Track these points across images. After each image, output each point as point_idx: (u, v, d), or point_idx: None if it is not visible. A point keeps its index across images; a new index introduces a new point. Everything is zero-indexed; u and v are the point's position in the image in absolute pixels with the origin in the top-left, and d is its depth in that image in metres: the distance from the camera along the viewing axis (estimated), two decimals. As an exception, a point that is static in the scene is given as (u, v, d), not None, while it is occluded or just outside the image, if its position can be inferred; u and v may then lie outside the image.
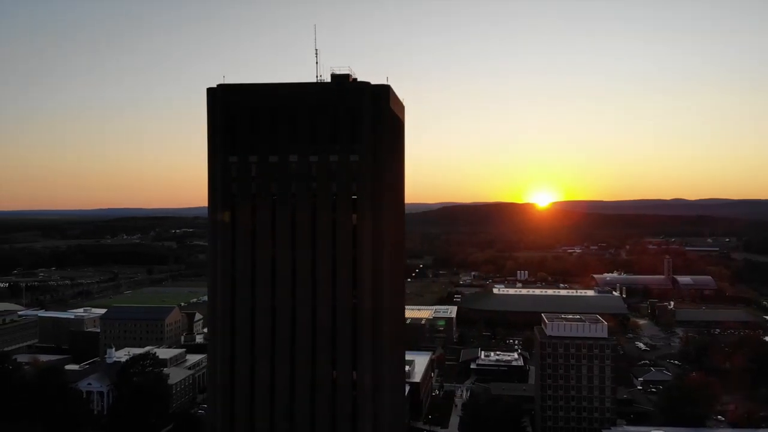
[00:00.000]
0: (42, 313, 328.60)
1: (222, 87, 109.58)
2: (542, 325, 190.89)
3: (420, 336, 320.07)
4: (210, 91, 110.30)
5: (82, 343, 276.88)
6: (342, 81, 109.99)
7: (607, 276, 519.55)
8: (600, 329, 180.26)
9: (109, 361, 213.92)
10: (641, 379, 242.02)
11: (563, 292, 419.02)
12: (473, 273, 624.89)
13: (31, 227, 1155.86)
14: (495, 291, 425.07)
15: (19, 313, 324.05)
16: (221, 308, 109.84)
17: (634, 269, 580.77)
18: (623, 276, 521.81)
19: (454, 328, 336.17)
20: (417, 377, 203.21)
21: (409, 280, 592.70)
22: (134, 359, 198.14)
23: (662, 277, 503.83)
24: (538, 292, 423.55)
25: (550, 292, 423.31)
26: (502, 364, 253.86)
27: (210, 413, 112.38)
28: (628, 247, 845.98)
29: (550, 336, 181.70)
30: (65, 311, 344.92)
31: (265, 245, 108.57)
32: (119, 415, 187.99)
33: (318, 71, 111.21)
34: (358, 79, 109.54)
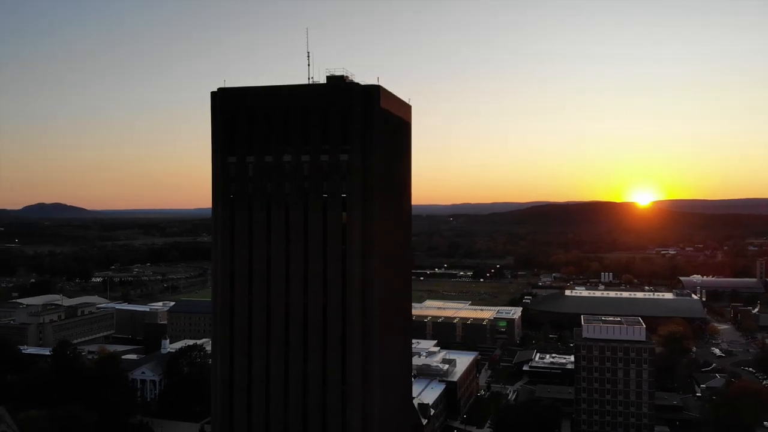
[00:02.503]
0: (119, 306, 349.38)
1: (221, 90, 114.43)
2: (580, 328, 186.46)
3: (480, 336, 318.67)
4: (212, 94, 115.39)
5: (154, 335, 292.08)
6: (336, 82, 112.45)
7: (695, 278, 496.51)
8: (638, 332, 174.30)
9: (163, 351, 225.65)
10: (704, 385, 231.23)
11: (639, 295, 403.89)
12: (554, 274, 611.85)
13: (133, 225, 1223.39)
14: (567, 293, 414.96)
15: (97, 305, 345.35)
16: (221, 304, 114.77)
17: (726, 272, 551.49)
18: (711, 279, 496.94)
19: (517, 330, 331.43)
20: (455, 377, 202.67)
21: (481, 280, 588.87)
22: (183, 350, 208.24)
23: (754, 280, 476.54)
24: (612, 294, 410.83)
25: (625, 294, 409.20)
26: (556, 366, 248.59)
27: (212, 404, 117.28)
28: (726, 248, 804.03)
29: (585, 338, 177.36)
30: (146, 305, 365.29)
31: (261, 243, 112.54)
32: (168, 403, 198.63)
33: (312, 73, 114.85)
34: (367, 81, 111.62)
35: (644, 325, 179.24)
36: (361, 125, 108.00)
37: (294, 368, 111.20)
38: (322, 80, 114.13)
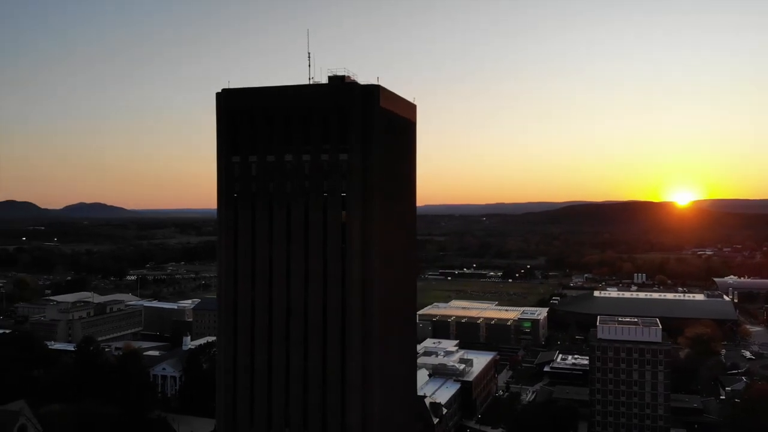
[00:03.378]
0: (147, 304, 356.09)
1: (225, 91, 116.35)
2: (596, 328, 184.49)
3: (504, 337, 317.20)
4: (217, 95, 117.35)
5: (180, 332, 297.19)
6: (337, 82, 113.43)
7: (729, 279, 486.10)
8: (654, 333, 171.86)
9: (184, 348, 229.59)
10: (729, 388, 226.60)
11: (669, 296, 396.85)
12: (586, 275, 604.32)
13: (170, 225, 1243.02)
14: (596, 294, 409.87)
15: (126, 303, 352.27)
16: (224, 301, 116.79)
17: (764, 273, 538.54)
18: (746, 280, 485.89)
19: (542, 331, 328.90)
20: (470, 377, 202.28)
21: (509, 280, 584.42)
22: (203, 347, 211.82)
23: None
24: (641, 295, 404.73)
25: (655, 296, 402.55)
26: (577, 367, 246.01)
27: (217, 400, 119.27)
28: (765, 248, 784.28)
29: (600, 339, 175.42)
30: (175, 302, 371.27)
31: (264, 242, 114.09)
32: (187, 399, 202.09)
33: (316, 74, 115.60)
34: (376, 82, 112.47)
35: (660, 326, 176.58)
36: (361, 125, 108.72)
37: (295, 365, 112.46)
38: (325, 81, 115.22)
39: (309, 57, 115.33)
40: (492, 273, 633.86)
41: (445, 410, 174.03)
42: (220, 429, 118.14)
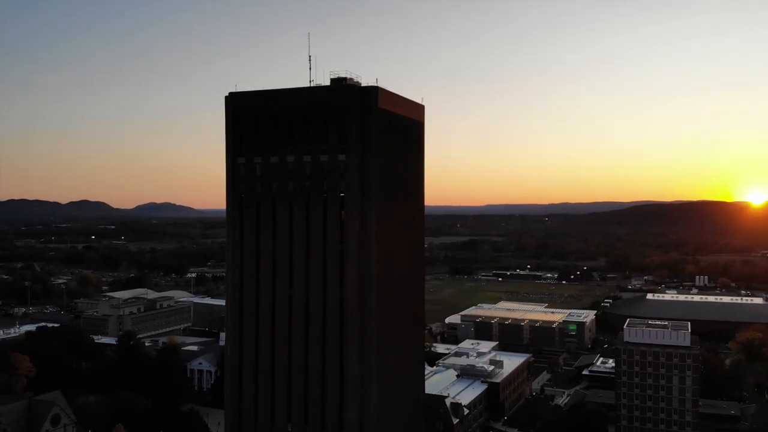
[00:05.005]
0: (197, 300, 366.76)
1: (231, 95, 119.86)
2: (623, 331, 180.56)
3: (548, 340, 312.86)
4: (226, 98, 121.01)
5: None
6: (338, 84, 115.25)
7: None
8: (682, 337, 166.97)
9: (221, 343, 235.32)
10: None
11: (726, 300, 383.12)
12: (645, 277, 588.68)
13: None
14: (649, 297, 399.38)
15: (177, 299, 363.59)
16: (231, 299, 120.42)
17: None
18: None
19: (588, 334, 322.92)
20: (499, 378, 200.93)
21: (563, 282, 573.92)
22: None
23: None
24: (696, 298, 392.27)
25: (711, 299, 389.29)
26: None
27: (225, 392, 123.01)
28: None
29: (626, 342, 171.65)
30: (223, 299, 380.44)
31: (267, 241, 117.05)
32: (220, 392, 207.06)
33: (320, 76, 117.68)
34: (387, 84, 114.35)
35: (689, 330, 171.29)
36: (359, 125, 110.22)
37: (296, 361, 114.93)
38: (310, 83, 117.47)
39: (309, 60, 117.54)
40: (549, 275, 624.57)
41: (467, 411, 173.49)
42: (228, 423, 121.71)
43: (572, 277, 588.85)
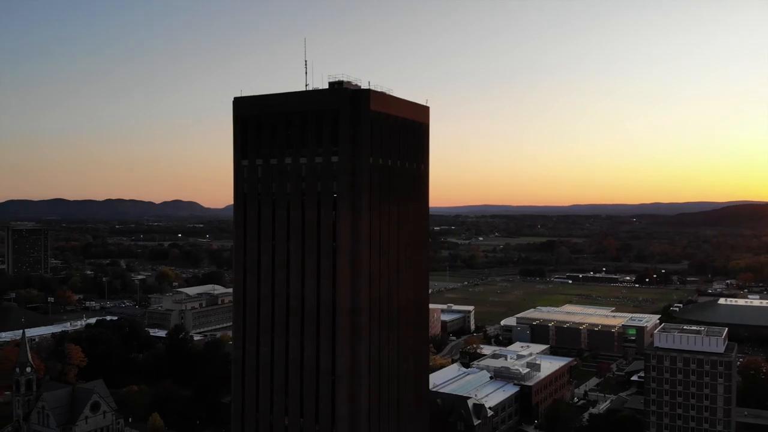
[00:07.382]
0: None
1: (236, 99, 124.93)
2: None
3: (607, 344, 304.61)
4: (233, 102, 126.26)
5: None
6: (336, 87, 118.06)
7: None
8: (715, 343, 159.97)
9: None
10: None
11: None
12: (728, 281, 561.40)
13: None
14: (721, 301, 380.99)
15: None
16: (236, 295, 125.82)
17: None
18: None
19: (648, 339, 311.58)
20: (532, 381, 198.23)
21: (637, 285, 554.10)
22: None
23: None
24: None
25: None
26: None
27: (232, 384, 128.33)
28: None
29: (656, 348, 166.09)
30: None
31: (267, 240, 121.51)
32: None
33: (318, 80, 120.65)
34: (396, 88, 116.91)
35: (723, 336, 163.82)
36: (349, 127, 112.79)
37: (293, 355, 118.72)
38: (306, 88, 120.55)
39: (306, 64, 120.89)
40: (628, 277, 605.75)
41: (491, 412, 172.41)
42: (233, 415, 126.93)
43: (647, 280, 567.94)
